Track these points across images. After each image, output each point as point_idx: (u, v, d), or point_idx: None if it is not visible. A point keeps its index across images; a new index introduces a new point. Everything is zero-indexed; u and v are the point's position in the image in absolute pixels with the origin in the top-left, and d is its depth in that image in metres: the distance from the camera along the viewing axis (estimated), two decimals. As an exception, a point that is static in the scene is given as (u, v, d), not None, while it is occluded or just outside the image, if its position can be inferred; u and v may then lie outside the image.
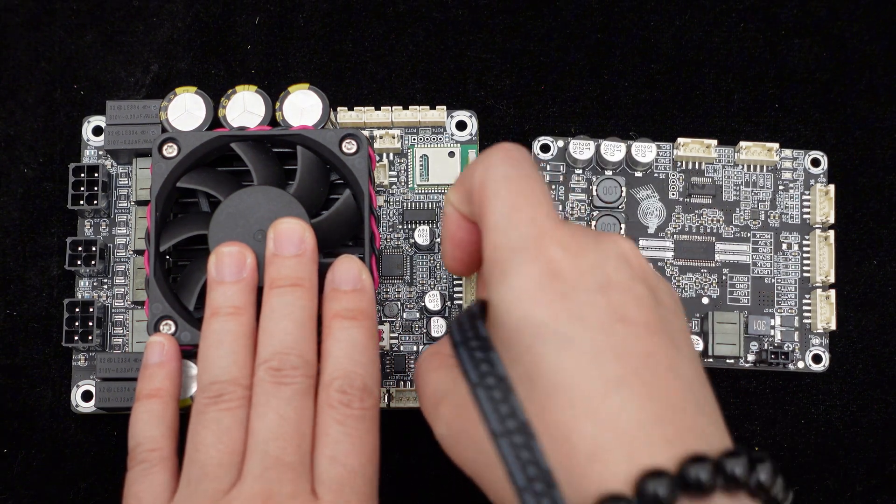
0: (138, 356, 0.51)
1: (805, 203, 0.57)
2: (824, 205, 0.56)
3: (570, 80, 0.59)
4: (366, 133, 0.50)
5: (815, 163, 0.57)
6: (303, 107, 0.51)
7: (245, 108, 0.51)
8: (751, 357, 0.55)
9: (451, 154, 0.56)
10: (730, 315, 0.55)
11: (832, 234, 0.56)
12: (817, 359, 0.56)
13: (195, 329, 0.47)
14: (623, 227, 0.56)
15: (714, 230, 0.56)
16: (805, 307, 0.56)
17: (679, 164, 0.57)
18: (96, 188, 0.53)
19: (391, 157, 0.56)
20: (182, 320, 0.47)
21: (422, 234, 0.55)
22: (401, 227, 0.55)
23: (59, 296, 0.56)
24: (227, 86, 0.54)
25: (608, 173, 0.56)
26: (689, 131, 0.58)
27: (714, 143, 0.56)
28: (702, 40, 0.59)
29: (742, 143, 0.56)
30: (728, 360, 0.55)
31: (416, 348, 0.54)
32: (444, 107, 0.56)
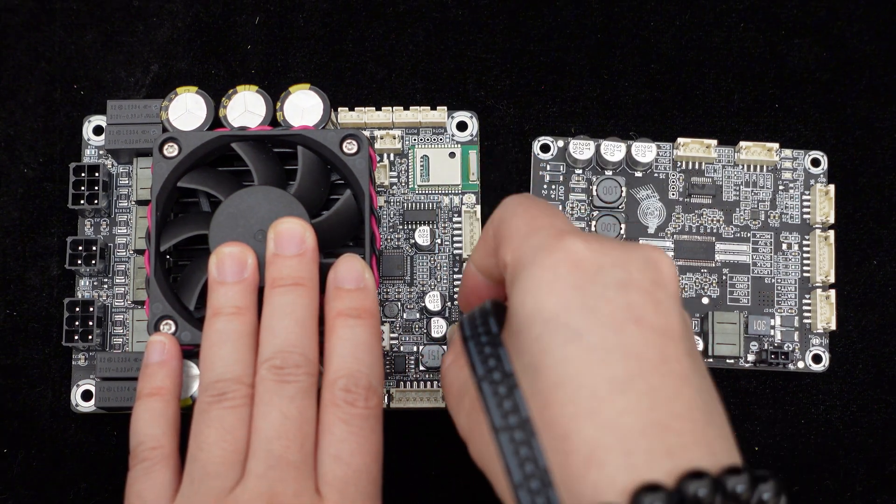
0: (138, 356, 0.51)
1: (805, 203, 0.57)
2: (824, 205, 0.56)
3: (570, 80, 0.59)
4: (366, 133, 0.50)
5: (815, 163, 0.57)
6: (304, 107, 0.51)
7: (246, 107, 0.51)
8: (751, 357, 0.55)
9: (452, 155, 0.56)
10: (730, 315, 0.55)
11: (832, 234, 0.56)
12: (817, 359, 0.56)
13: (195, 329, 0.47)
14: (623, 227, 0.56)
15: (714, 230, 0.56)
16: (805, 307, 0.56)
17: (679, 164, 0.57)
18: (97, 188, 0.53)
19: (392, 158, 0.56)
20: (182, 320, 0.47)
21: (422, 235, 0.55)
22: (401, 227, 0.55)
23: (59, 296, 0.56)
24: (227, 86, 0.54)
25: (608, 173, 0.56)
26: (689, 131, 0.58)
27: (714, 143, 0.56)
28: (702, 40, 0.59)
29: (742, 143, 0.56)
30: (728, 360, 0.55)
31: (416, 349, 0.54)
32: (445, 107, 0.56)
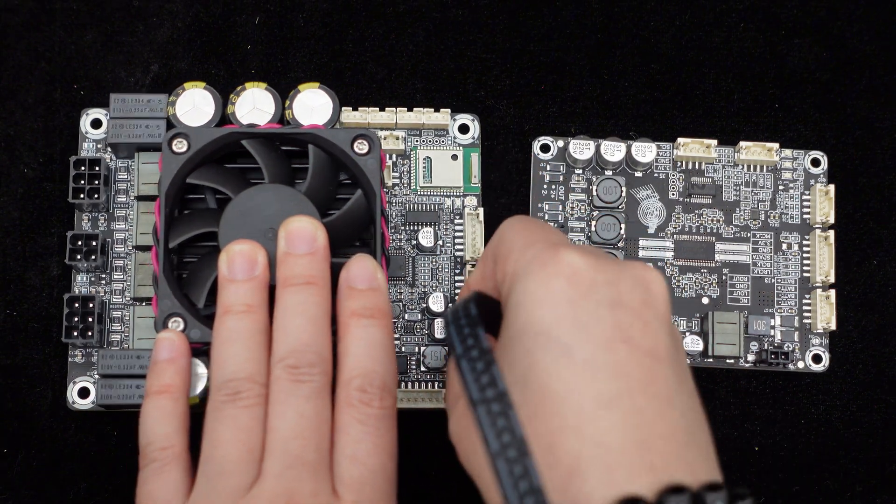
0: (139, 353, 0.51)
1: (805, 203, 0.57)
2: (824, 205, 0.56)
3: (570, 80, 0.59)
4: (369, 134, 0.50)
5: (815, 163, 0.57)
6: (312, 106, 0.51)
7: (254, 105, 0.51)
8: (751, 357, 0.55)
9: (454, 157, 0.56)
10: (730, 315, 0.55)
11: (832, 234, 0.56)
12: (817, 359, 0.56)
13: (204, 326, 0.47)
14: (623, 227, 0.56)
15: (714, 230, 0.56)
16: (805, 307, 0.56)
17: (679, 164, 0.57)
18: (97, 182, 0.53)
19: (394, 159, 0.56)
20: (191, 318, 0.47)
21: (425, 236, 0.55)
22: (403, 228, 0.55)
23: (58, 295, 0.55)
24: (228, 86, 0.54)
25: (608, 173, 0.56)
26: (689, 131, 0.58)
27: (714, 143, 0.56)
28: (702, 40, 0.59)
29: (742, 143, 0.56)
30: (728, 360, 0.55)
31: (417, 349, 0.54)
32: (448, 109, 0.56)
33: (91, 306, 0.52)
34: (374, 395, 0.43)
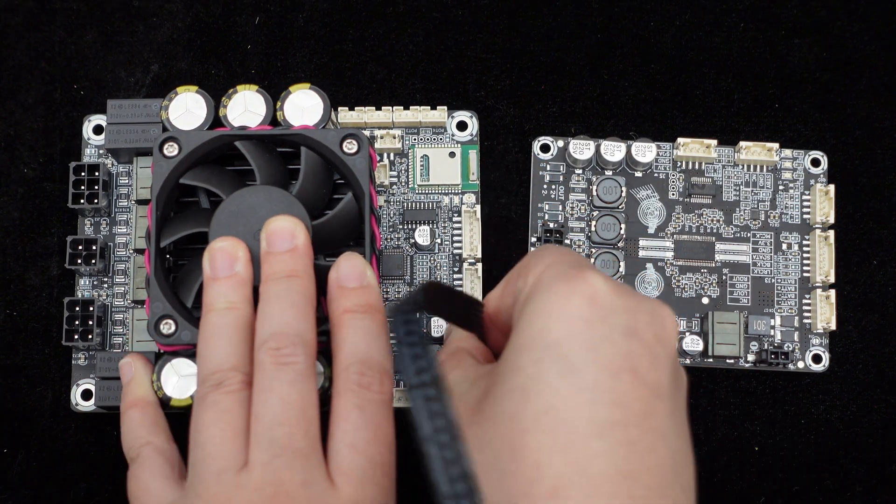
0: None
1: (805, 203, 0.57)
2: (824, 205, 0.56)
3: (570, 80, 0.59)
4: (366, 133, 0.50)
5: (815, 163, 0.57)
6: (304, 106, 0.51)
7: (246, 107, 0.51)
8: (751, 357, 0.55)
9: (452, 154, 0.56)
10: (730, 315, 0.55)
11: (832, 234, 0.56)
12: (817, 359, 0.56)
13: (195, 328, 0.47)
14: (623, 227, 0.56)
15: (714, 230, 0.56)
16: (805, 307, 0.56)
17: (679, 164, 0.57)
18: (97, 187, 0.53)
19: (392, 158, 0.56)
20: (182, 319, 0.47)
21: (422, 235, 0.55)
22: (401, 227, 0.55)
23: (59, 295, 0.56)
24: (228, 86, 0.54)
25: (608, 173, 0.56)
26: (689, 131, 0.58)
27: (714, 143, 0.56)
28: (702, 40, 0.59)
29: (742, 143, 0.56)
30: (728, 360, 0.55)
31: (416, 348, 0.54)
32: (445, 107, 0.56)
33: (91, 310, 0.53)
34: (374, 379, 0.42)
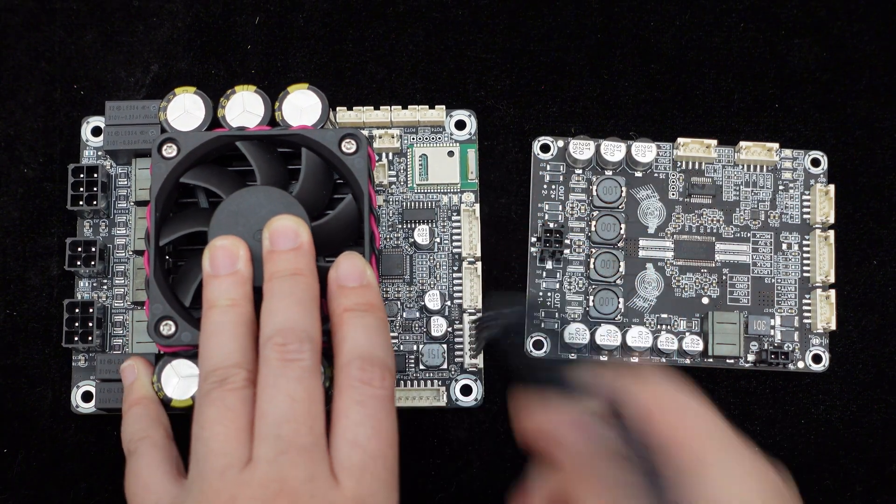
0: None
1: (805, 203, 0.57)
2: (824, 205, 0.56)
3: (570, 80, 0.59)
4: (365, 133, 0.49)
5: (815, 163, 0.57)
6: (302, 107, 0.51)
7: (244, 108, 0.51)
8: (751, 357, 0.55)
9: (451, 153, 0.56)
10: (730, 315, 0.55)
11: (832, 234, 0.56)
12: (817, 359, 0.56)
13: (195, 329, 0.47)
14: (623, 226, 0.56)
15: (714, 230, 0.56)
16: (805, 307, 0.56)
17: (679, 164, 0.57)
18: (96, 189, 0.53)
19: (390, 157, 0.56)
20: (182, 320, 0.47)
21: (421, 234, 0.55)
22: (400, 226, 0.55)
23: (59, 296, 0.56)
24: (227, 86, 0.54)
25: (608, 173, 0.56)
26: (689, 131, 0.58)
27: (714, 143, 0.56)
28: (702, 40, 0.59)
29: (742, 143, 0.56)
30: (728, 360, 0.55)
31: (415, 348, 0.54)
32: (444, 106, 0.56)
33: (91, 311, 0.53)
34: (375, 375, 0.42)
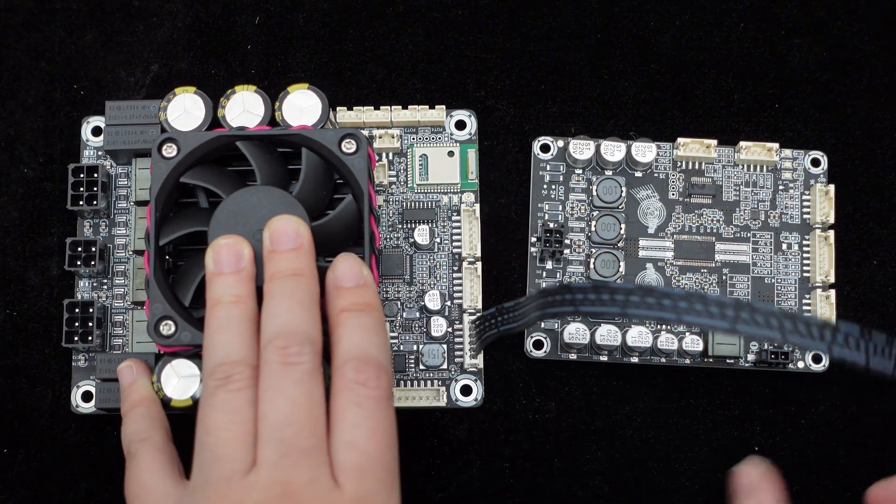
0: (139, 357, 0.51)
1: (805, 203, 0.57)
2: (824, 205, 0.56)
3: (570, 80, 0.59)
4: (365, 133, 0.49)
5: (815, 163, 0.57)
6: (302, 106, 0.51)
7: (244, 108, 0.51)
8: (751, 357, 0.55)
9: (451, 153, 0.56)
10: (730, 315, 0.55)
11: (832, 234, 0.56)
12: (817, 359, 0.56)
13: (195, 329, 0.47)
14: (623, 227, 0.56)
15: (714, 230, 0.56)
16: (805, 307, 0.56)
17: (679, 164, 0.57)
18: (96, 188, 0.53)
19: (390, 157, 0.56)
20: (182, 320, 0.47)
21: (421, 234, 0.55)
22: (400, 226, 0.55)
23: (59, 296, 0.56)
24: (227, 86, 0.54)
25: (608, 173, 0.56)
26: (689, 131, 0.58)
27: (714, 143, 0.56)
28: (702, 40, 0.59)
29: (742, 143, 0.56)
30: (728, 360, 0.55)
31: (415, 348, 0.54)
32: (444, 106, 0.56)
33: (91, 311, 0.53)
34: (370, 375, 0.42)
